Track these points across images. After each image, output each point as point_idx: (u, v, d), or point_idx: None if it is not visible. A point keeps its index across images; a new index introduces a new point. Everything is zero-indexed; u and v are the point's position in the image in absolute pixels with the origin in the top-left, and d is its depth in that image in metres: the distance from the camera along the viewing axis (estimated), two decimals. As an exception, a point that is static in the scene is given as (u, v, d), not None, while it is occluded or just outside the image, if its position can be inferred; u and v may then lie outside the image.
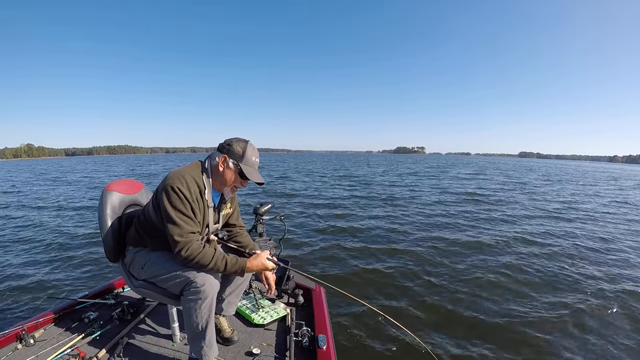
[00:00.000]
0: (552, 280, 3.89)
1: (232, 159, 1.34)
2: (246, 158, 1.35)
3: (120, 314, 1.80)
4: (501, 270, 4.13)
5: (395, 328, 2.48)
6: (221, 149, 1.37)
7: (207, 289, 1.26)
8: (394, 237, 5.72)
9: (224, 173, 1.35)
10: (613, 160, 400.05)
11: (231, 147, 1.35)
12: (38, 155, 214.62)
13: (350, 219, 7.10)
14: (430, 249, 4.96)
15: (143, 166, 34.51)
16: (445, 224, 6.82)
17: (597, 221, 7.62)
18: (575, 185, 17.26)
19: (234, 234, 1.62)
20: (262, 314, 1.85)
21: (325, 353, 1.43)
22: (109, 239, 1.43)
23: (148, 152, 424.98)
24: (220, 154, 1.35)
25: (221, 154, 1.35)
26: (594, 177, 26.26)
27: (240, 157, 1.34)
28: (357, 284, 3.66)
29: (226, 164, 1.35)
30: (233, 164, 1.34)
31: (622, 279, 3.96)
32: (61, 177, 19.49)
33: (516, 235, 5.90)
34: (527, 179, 20.67)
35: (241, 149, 1.35)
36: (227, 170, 1.35)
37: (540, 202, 10.32)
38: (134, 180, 1.70)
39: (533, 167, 46.82)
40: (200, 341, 1.33)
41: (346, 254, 4.66)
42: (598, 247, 5.38)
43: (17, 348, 1.49)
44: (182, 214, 1.24)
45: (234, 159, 1.34)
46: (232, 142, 1.36)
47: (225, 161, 1.34)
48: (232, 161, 1.34)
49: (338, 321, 2.76)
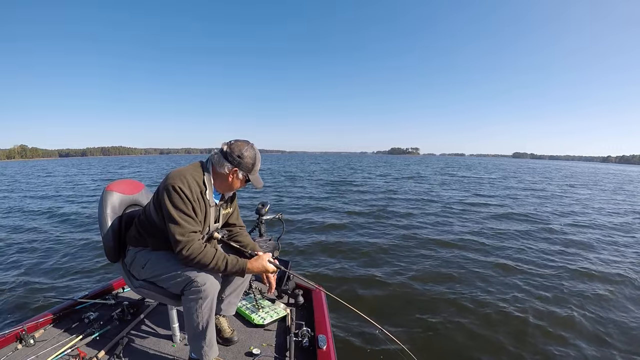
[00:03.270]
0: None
1: (242, 171, 1.35)
2: (255, 169, 1.38)
3: (120, 314, 1.80)
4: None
5: (389, 341, 2.33)
6: (231, 159, 1.32)
7: (208, 288, 1.27)
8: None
9: (232, 183, 1.37)
10: (606, 160, 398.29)
11: (242, 160, 1.32)
12: (32, 157, 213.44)
13: (354, 222, 7.09)
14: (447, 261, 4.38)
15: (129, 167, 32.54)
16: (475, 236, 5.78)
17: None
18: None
19: (234, 233, 1.62)
20: (262, 314, 1.85)
21: (325, 353, 1.43)
22: (109, 239, 1.43)
23: (142, 152, 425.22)
24: (231, 166, 1.32)
25: (231, 165, 1.32)
26: (620, 179, 24.42)
27: (250, 169, 1.36)
28: (359, 288, 3.58)
29: (236, 175, 1.35)
30: (243, 175, 1.36)
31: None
32: (60, 177, 19.50)
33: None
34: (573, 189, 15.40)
35: (252, 161, 1.35)
36: (236, 180, 1.37)
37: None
38: (134, 181, 1.70)
39: (538, 167, 44.84)
40: (200, 341, 1.34)
41: (346, 254, 4.65)
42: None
43: (17, 348, 1.49)
44: (183, 214, 1.25)
45: (244, 171, 1.35)
46: (243, 155, 1.32)
47: (236, 173, 1.35)
48: (242, 173, 1.35)
49: (338, 321, 2.76)
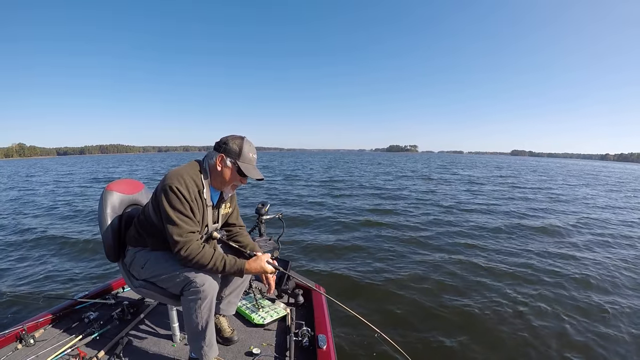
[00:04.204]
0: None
1: (229, 157, 1.33)
2: (243, 155, 1.34)
3: (120, 314, 1.80)
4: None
5: (386, 343, 2.31)
6: (217, 148, 1.36)
7: (207, 288, 1.26)
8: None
9: (222, 172, 1.35)
10: (605, 158, 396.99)
11: (227, 146, 1.34)
12: (30, 155, 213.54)
13: (357, 220, 7.08)
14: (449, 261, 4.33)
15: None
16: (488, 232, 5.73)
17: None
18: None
19: (233, 233, 1.61)
20: (262, 313, 1.85)
21: (325, 353, 1.43)
22: (109, 239, 1.43)
23: (140, 151, 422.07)
24: (217, 153, 1.35)
25: (218, 153, 1.35)
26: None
27: (237, 154, 1.34)
28: (359, 289, 3.60)
29: (224, 162, 1.34)
30: (230, 162, 1.34)
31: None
32: (61, 177, 19.51)
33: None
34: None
35: (237, 147, 1.34)
36: (225, 168, 1.35)
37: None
38: (134, 180, 1.70)
39: (541, 165, 44.06)
40: (200, 341, 1.34)
41: (346, 254, 4.65)
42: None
43: (17, 348, 1.49)
44: (181, 214, 1.24)
45: (231, 157, 1.33)
46: (228, 140, 1.35)
47: (223, 160, 1.34)
48: (230, 159, 1.34)
49: (338, 321, 2.75)
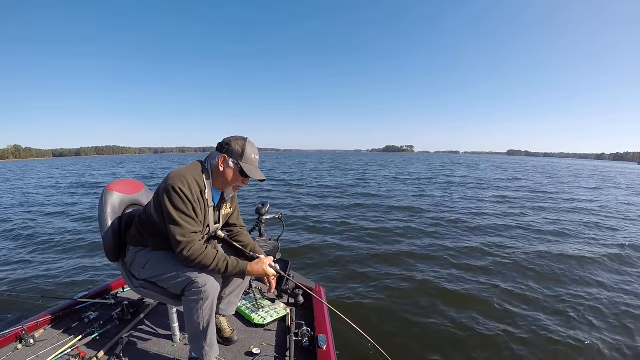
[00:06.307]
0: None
1: (231, 158, 1.34)
2: (246, 156, 1.35)
3: (120, 314, 1.80)
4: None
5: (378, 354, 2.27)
6: (220, 148, 1.37)
7: (209, 289, 1.27)
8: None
9: (225, 172, 1.36)
10: (600, 158, 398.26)
11: (230, 147, 1.35)
12: (25, 157, 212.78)
13: (358, 223, 7.08)
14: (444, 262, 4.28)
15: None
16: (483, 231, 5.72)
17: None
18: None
19: (234, 233, 1.62)
20: (262, 314, 1.85)
21: (325, 353, 1.44)
22: (109, 239, 1.43)
23: (136, 152, 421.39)
24: (220, 154, 1.36)
25: (220, 153, 1.36)
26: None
27: (239, 155, 1.34)
28: (359, 289, 3.55)
29: (226, 163, 1.35)
30: (233, 162, 1.35)
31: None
32: (60, 177, 19.48)
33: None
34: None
35: (240, 147, 1.35)
36: (227, 169, 1.35)
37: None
38: (134, 180, 1.70)
39: (545, 166, 43.47)
40: (201, 341, 1.34)
41: (347, 254, 4.64)
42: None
43: (17, 348, 1.49)
44: (183, 214, 1.24)
45: (233, 157, 1.34)
46: (231, 141, 1.36)
47: (225, 160, 1.35)
48: (232, 160, 1.34)
49: (337, 321, 2.74)
